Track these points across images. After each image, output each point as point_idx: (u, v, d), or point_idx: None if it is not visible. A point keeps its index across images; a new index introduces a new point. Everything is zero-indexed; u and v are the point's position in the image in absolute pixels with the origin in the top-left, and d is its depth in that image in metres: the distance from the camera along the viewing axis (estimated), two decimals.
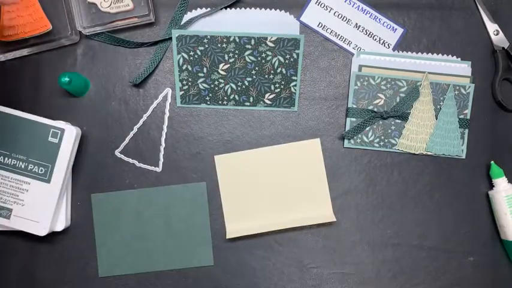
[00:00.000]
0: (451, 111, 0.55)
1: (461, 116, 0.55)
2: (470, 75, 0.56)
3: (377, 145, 0.56)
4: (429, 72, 0.55)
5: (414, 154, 0.56)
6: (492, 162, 0.55)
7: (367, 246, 0.56)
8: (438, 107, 0.55)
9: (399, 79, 0.55)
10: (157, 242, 0.55)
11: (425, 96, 0.55)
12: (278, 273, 0.56)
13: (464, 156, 0.56)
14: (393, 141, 0.56)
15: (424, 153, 0.55)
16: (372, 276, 0.56)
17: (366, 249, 0.56)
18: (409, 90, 0.55)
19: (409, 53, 0.56)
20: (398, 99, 0.55)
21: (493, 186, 0.55)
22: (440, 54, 0.56)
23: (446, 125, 0.55)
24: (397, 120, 0.56)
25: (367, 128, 0.55)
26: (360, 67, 0.56)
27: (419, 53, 0.56)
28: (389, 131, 0.56)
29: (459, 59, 0.56)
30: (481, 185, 0.56)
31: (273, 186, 0.56)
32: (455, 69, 0.56)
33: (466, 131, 0.56)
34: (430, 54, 0.56)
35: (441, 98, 0.55)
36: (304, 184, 0.55)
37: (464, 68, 0.56)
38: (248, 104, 0.56)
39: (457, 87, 0.55)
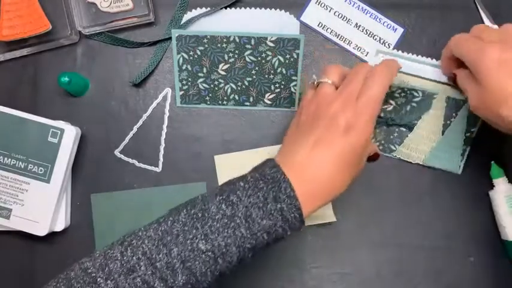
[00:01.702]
0: (459, 128, 0.54)
1: (468, 134, 0.54)
2: None
3: None
4: (448, 84, 0.54)
5: (411, 163, 0.55)
6: (492, 162, 0.55)
7: (367, 246, 0.56)
8: (448, 122, 0.54)
9: (416, 89, 0.54)
10: None
11: (437, 109, 0.54)
12: (278, 273, 0.56)
13: (460, 172, 0.55)
14: (393, 147, 0.55)
15: (421, 163, 0.55)
16: (372, 276, 0.56)
17: (366, 249, 0.56)
18: (422, 101, 0.54)
19: (429, 59, 0.55)
20: (408, 108, 0.54)
21: (494, 186, 0.55)
22: None
23: (451, 141, 0.54)
24: (402, 128, 0.55)
25: None
26: None
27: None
28: (392, 137, 0.55)
29: None
30: (481, 185, 0.56)
31: None
32: None
33: (468, 148, 0.55)
34: None
35: (453, 114, 0.54)
36: None
37: None
38: (248, 104, 0.56)
39: None
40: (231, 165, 0.56)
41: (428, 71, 0.55)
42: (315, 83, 0.46)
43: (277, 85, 0.56)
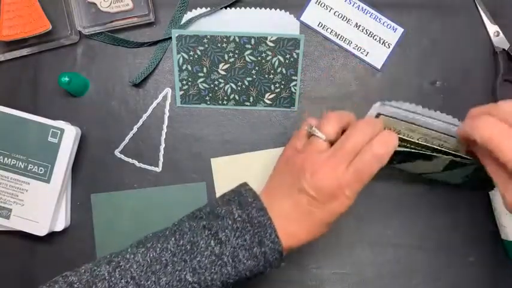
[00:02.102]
0: (463, 170, 0.49)
1: (473, 172, 0.49)
2: None
3: None
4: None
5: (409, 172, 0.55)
6: None
7: (367, 246, 0.56)
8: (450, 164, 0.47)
9: (414, 154, 0.46)
10: None
11: (437, 165, 0.48)
12: (278, 273, 0.56)
13: (458, 183, 0.54)
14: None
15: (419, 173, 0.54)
16: (372, 276, 0.56)
17: (366, 249, 0.56)
18: (423, 155, 0.46)
19: (444, 114, 0.45)
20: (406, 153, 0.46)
21: (493, 186, 0.55)
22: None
23: (452, 175, 0.51)
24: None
25: None
26: (378, 115, 0.45)
27: (456, 119, 0.45)
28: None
29: None
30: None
31: None
32: None
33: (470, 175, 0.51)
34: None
35: (456, 165, 0.48)
36: None
37: None
38: (248, 104, 0.56)
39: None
40: (228, 168, 0.56)
41: (436, 126, 0.45)
42: (309, 131, 0.44)
43: (277, 85, 0.56)
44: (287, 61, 0.55)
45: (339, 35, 0.56)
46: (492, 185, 0.52)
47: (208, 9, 0.56)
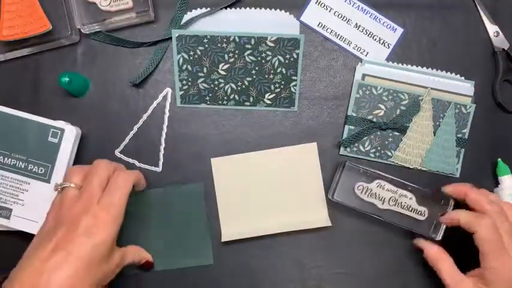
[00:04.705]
0: (449, 129, 0.55)
1: (459, 135, 0.55)
2: (472, 95, 0.56)
3: (372, 155, 0.55)
4: (432, 88, 0.55)
5: (409, 168, 0.56)
6: (499, 159, 0.55)
7: (367, 246, 0.56)
8: (437, 123, 0.55)
9: (401, 92, 0.55)
10: (156, 241, 0.55)
11: (425, 111, 0.55)
12: (278, 273, 0.56)
13: (458, 176, 0.56)
14: (389, 153, 0.55)
15: (419, 168, 0.55)
16: (372, 276, 0.56)
17: (366, 249, 0.56)
18: (410, 103, 0.55)
19: (414, 66, 0.56)
20: (398, 112, 0.55)
21: (498, 184, 0.55)
22: (444, 71, 0.56)
23: (443, 142, 0.55)
24: (395, 133, 0.55)
25: (365, 138, 0.55)
26: (364, 76, 0.55)
27: (424, 68, 0.56)
28: (387, 142, 0.55)
29: (463, 77, 0.56)
30: (480, 184, 0.56)
31: (269, 190, 0.55)
32: (458, 87, 0.55)
33: (463, 150, 0.56)
34: (434, 70, 0.56)
35: (441, 115, 0.55)
36: (299, 188, 0.55)
37: (467, 87, 0.56)
38: (248, 104, 0.56)
39: (458, 106, 0.55)
40: (227, 168, 0.56)
41: (413, 77, 0.55)
42: (59, 188, 0.47)
43: (277, 85, 0.56)
44: (287, 61, 0.55)
45: (339, 35, 0.56)
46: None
47: (208, 9, 0.56)
